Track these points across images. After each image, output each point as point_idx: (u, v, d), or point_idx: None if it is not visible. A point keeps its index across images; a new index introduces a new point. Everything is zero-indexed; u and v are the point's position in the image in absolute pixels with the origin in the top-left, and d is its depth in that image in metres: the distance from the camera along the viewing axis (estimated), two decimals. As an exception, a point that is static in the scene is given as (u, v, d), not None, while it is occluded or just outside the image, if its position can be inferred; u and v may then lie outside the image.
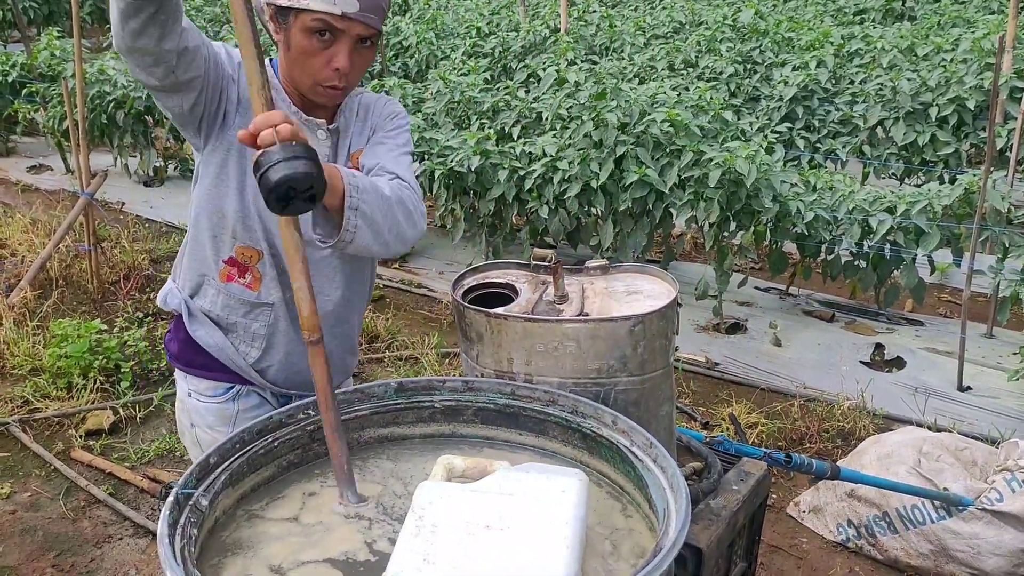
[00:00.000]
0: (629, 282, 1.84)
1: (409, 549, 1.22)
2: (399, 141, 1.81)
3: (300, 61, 1.64)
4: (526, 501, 1.31)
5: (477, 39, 8.50)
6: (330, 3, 1.55)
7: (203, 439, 1.91)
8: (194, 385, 1.89)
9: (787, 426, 3.66)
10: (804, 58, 6.58)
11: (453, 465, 1.44)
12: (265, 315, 1.82)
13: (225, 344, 1.83)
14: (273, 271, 1.79)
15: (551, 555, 1.22)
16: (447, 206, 5.21)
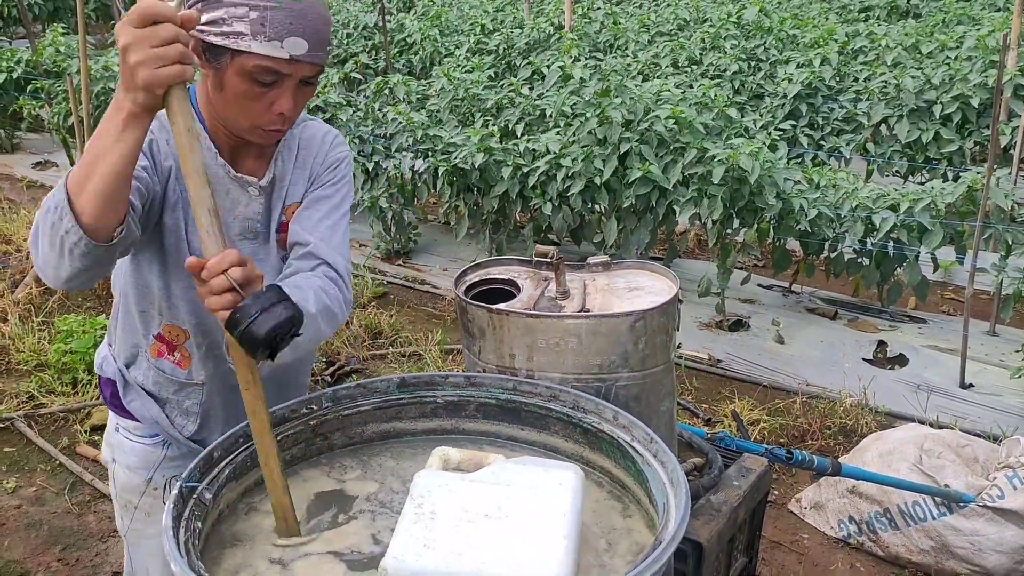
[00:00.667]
0: (630, 278, 1.85)
1: (408, 535, 1.24)
2: (335, 200, 1.66)
3: (237, 104, 1.47)
4: (524, 492, 1.33)
5: (481, 36, 8.50)
6: (275, 47, 1.39)
7: (119, 479, 1.79)
8: (124, 423, 1.76)
9: (789, 423, 3.67)
10: (808, 55, 6.57)
11: (448, 456, 1.45)
12: (197, 393, 1.70)
13: (160, 417, 1.71)
14: (201, 351, 1.66)
15: (549, 545, 1.23)
16: (451, 203, 5.22)
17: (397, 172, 5.31)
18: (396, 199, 5.48)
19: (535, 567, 1.20)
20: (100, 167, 1.23)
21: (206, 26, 1.39)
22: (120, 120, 1.22)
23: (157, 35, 1.17)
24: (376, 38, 9.08)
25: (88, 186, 1.23)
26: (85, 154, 1.25)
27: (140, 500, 1.75)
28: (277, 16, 1.38)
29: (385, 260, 5.68)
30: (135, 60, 1.17)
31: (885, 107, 5.81)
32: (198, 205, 1.27)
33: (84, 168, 1.24)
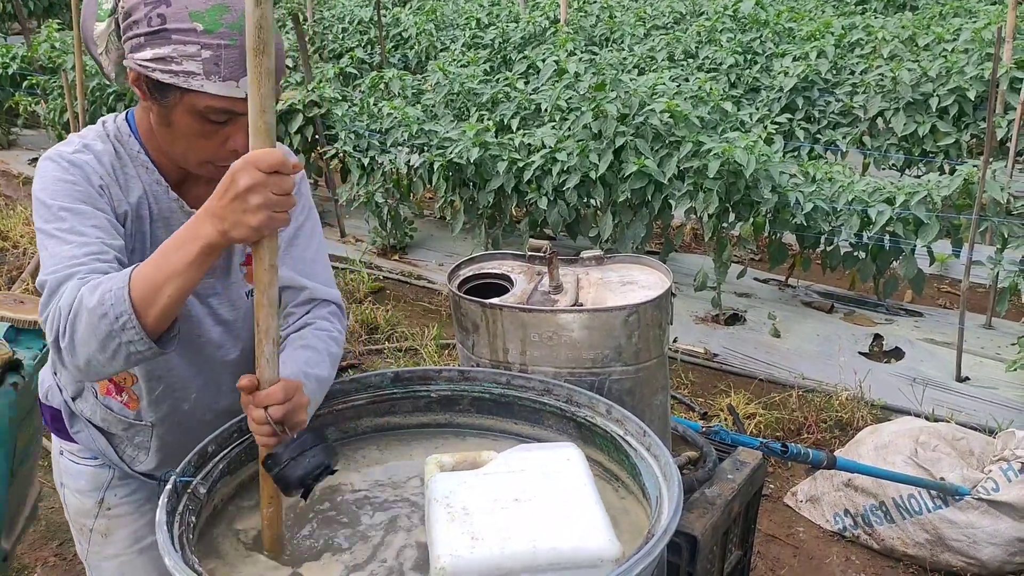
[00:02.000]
0: (624, 272, 1.85)
1: (452, 533, 1.25)
2: (308, 227, 1.62)
3: (186, 141, 1.39)
4: (538, 474, 1.37)
5: (477, 30, 8.49)
6: (230, 87, 1.30)
7: (70, 503, 1.71)
8: (68, 446, 1.68)
9: (785, 416, 3.67)
10: (805, 48, 6.56)
11: (443, 462, 1.46)
12: (145, 433, 1.62)
13: (108, 449, 1.63)
14: (152, 395, 1.58)
15: (586, 512, 1.28)
16: (446, 198, 5.22)
17: (393, 167, 5.31)
18: (392, 194, 5.48)
19: (586, 533, 1.24)
20: (170, 288, 1.22)
21: (152, 62, 1.31)
22: (201, 248, 1.21)
23: (281, 185, 1.18)
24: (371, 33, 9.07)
25: (158, 302, 1.22)
26: (152, 270, 1.23)
27: (95, 523, 1.69)
28: (232, 55, 1.29)
29: (381, 255, 5.68)
30: (257, 202, 1.16)
31: (881, 100, 5.81)
32: (265, 334, 1.28)
33: (152, 285, 1.22)
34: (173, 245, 1.23)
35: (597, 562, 1.21)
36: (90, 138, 1.47)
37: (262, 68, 1.17)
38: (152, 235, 1.49)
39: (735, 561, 2.19)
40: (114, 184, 1.44)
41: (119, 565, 1.71)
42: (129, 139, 1.48)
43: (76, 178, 1.39)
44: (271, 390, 1.28)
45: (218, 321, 1.58)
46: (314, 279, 1.60)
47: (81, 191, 1.39)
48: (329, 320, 1.59)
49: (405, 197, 5.54)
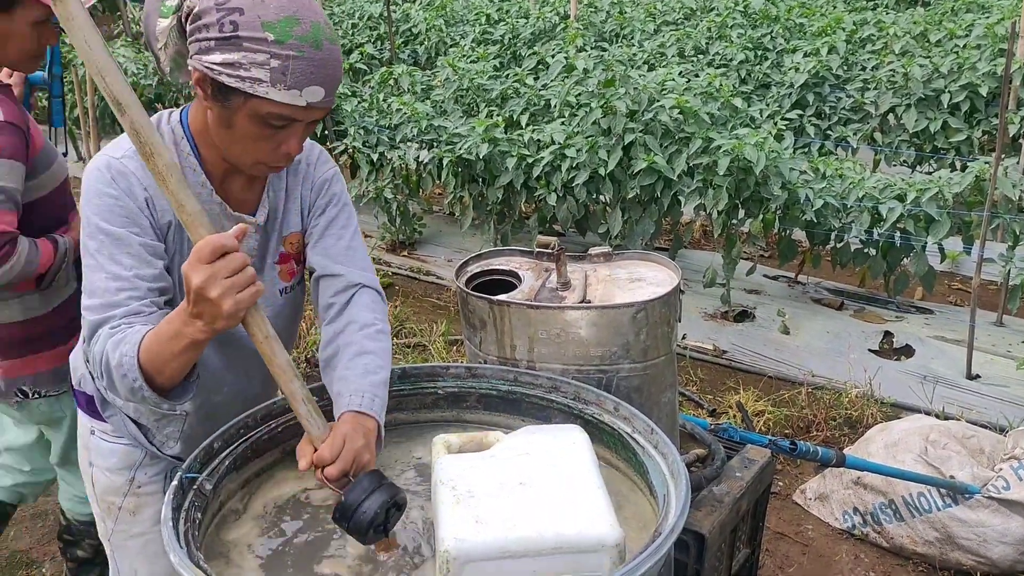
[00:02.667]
0: (632, 269, 1.84)
1: (457, 516, 1.26)
2: (343, 219, 1.67)
3: (243, 143, 1.44)
4: (544, 457, 1.39)
5: (487, 26, 8.46)
6: (294, 95, 1.35)
7: (99, 482, 1.75)
8: (100, 425, 1.72)
9: (794, 414, 3.66)
10: (815, 44, 6.52)
11: (450, 442, 1.48)
12: (177, 422, 1.66)
13: (139, 435, 1.67)
14: None
15: (589, 497, 1.29)
16: (455, 193, 5.21)
17: (402, 163, 5.31)
18: (401, 190, 5.48)
19: (590, 518, 1.25)
20: (172, 366, 1.31)
21: (220, 66, 1.35)
22: (186, 345, 1.28)
23: (229, 266, 1.22)
24: (381, 28, 9.06)
25: (165, 373, 1.32)
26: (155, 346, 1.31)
27: (123, 500, 1.72)
28: (299, 66, 1.34)
29: (390, 251, 5.68)
30: (216, 294, 1.21)
31: (893, 96, 5.77)
32: (292, 399, 1.34)
33: (157, 360, 1.31)
34: (172, 329, 1.29)
35: (599, 547, 1.23)
36: None
37: (159, 168, 1.24)
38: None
39: (743, 559, 2.18)
40: (159, 196, 1.47)
41: (144, 543, 1.74)
42: (182, 141, 1.51)
43: (118, 192, 1.43)
44: (320, 454, 1.33)
45: None
46: (350, 265, 1.62)
47: (122, 208, 1.43)
48: (370, 309, 1.60)
49: (414, 193, 5.53)
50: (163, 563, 1.74)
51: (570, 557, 1.22)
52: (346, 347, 1.54)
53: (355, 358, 1.51)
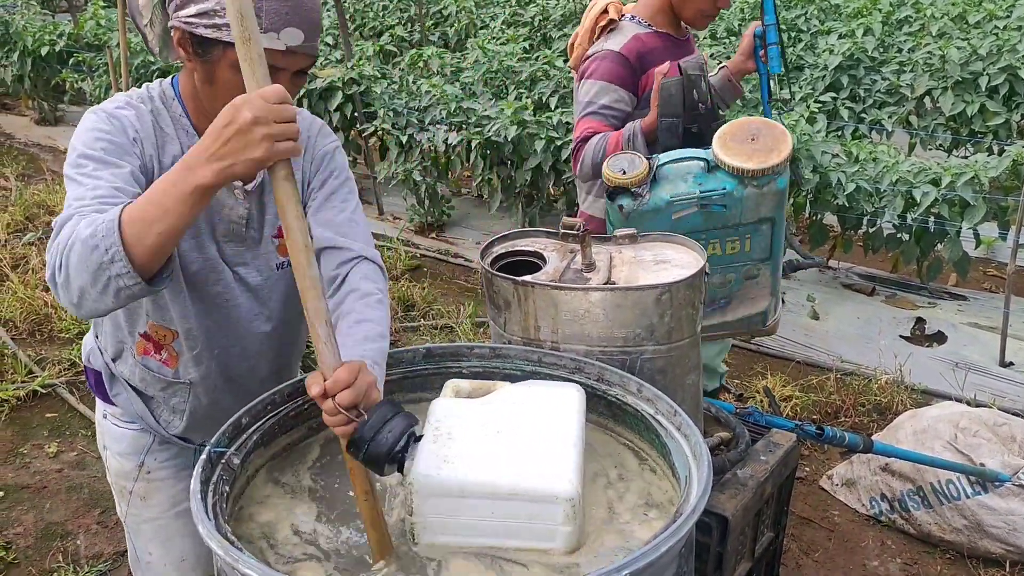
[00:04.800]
0: (657, 251, 1.83)
1: (429, 453, 1.33)
2: (343, 192, 1.64)
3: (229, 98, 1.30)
4: (530, 409, 1.44)
5: (517, 7, 8.43)
6: (271, 39, 1.33)
7: (112, 466, 1.78)
8: (111, 409, 1.74)
9: (822, 400, 3.63)
10: (851, 26, 6.42)
11: (460, 387, 1.54)
12: (183, 392, 1.67)
13: (145, 413, 1.69)
14: (190, 352, 1.62)
15: (557, 450, 1.34)
16: (484, 176, 5.21)
17: (431, 145, 5.31)
18: (429, 172, 5.49)
19: (548, 470, 1.30)
20: (161, 225, 1.20)
21: (195, 17, 1.34)
22: (194, 190, 1.19)
23: (284, 112, 1.16)
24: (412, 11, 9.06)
25: (147, 240, 1.21)
26: (144, 206, 1.21)
27: (134, 486, 1.74)
28: (272, 6, 1.32)
29: (418, 233, 5.71)
30: (263, 133, 1.14)
31: (929, 79, 5.66)
32: (315, 316, 1.24)
33: (143, 221, 1.21)
34: (167, 184, 1.21)
35: (551, 499, 1.27)
36: (135, 97, 1.51)
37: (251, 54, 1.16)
38: None
39: (767, 543, 2.17)
40: (149, 141, 1.47)
41: (157, 528, 1.77)
42: (173, 102, 1.51)
43: (111, 128, 1.42)
44: (336, 376, 1.24)
45: (246, 288, 1.62)
46: (351, 237, 1.59)
47: (111, 141, 1.41)
48: (371, 280, 1.56)
49: (443, 175, 5.54)
50: (176, 547, 1.78)
51: (524, 505, 1.28)
52: (346, 315, 1.50)
53: (354, 325, 1.47)
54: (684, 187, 2.08)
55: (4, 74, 8.09)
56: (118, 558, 2.85)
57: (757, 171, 2.04)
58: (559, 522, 1.29)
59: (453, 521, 1.32)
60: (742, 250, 2.17)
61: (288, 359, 1.80)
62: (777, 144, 2.04)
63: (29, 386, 3.77)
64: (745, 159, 2.04)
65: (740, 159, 2.04)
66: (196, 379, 1.65)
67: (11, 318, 4.33)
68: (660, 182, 2.10)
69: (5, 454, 3.39)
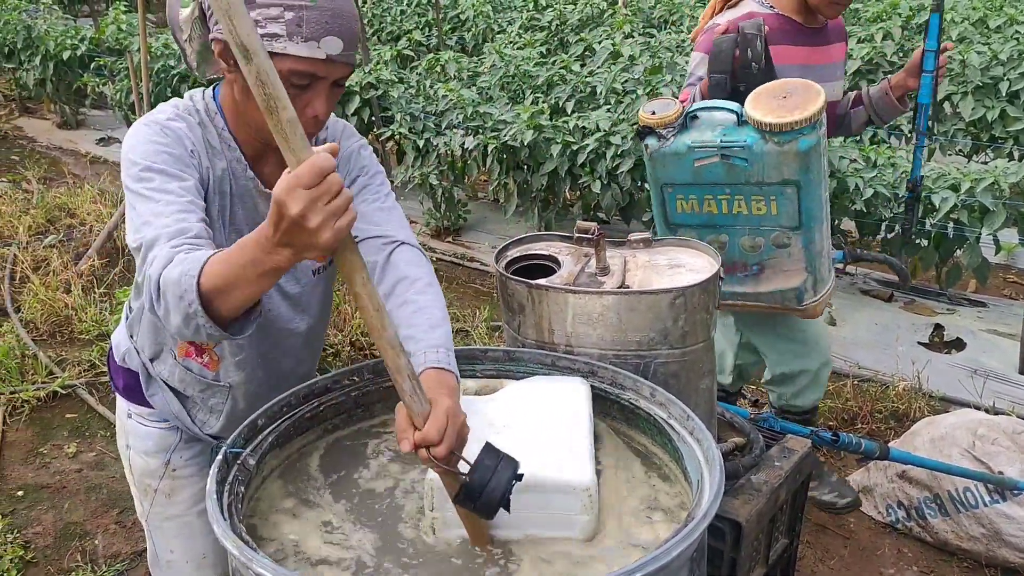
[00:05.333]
0: (671, 255, 1.83)
1: None
2: (375, 185, 1.64)
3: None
4: (538, 403, 1.48)
5: (534, 12, 8.45)
6: (312, 47, 1.33)
7: (136, 465, 1.79)
8: (136, 409, 1.76)
9: (839, 406, 3.61)
10: (870, 30, 6.39)
11: (466, 386, 1.57)
12: (222, 394, 1.69)
13: (182, 413, 1.71)
14: (233, 357, 1.64)
15: (568, 442, 1.37)
16: (500, 180, 5.22)
17: (447, 149, 5.34)
18: (446, 176, 5.51)
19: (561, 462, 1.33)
20: (239, 293, 1.21)
21: None
22: (273, 268, 1.17)
23: (330, 189, 1.08)
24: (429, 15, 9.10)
25: (227, 301, 1.22)
26: (224, 268, 1.20)
27: (160, 483, 1.76)
28: (313, 15, 1.33)
29: (434, 237, 5.72)
30: (316, 223, 1.08)
31: (949, 84, 5.63)
32: (397, 373, 1.23)
33: (222, 284, 1.21)
34: (247, 255, 1.18)
35: (568, 489, 1.31)
36: (182, 108, 1.51)
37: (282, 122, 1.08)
38: (231, 211, 1.54)
39: (781, 549, 2.16)
40: (204, 153, 1.49)
41: (180, 525, 1.79)
42: (216, 117, 1.52)
43: (168, 140, 1.43)
44: (426, 433, 1.23)
45: (284, 296, 1.65)
46: (385, 224, 1.58)
47: (172, 153, 1.42)
48: (415, 264, 1.55)
49: (459, 179, 5.56)
50: (198, 544, 1.80)
51: (541, 496, 1.31)
52: (401, 306, 1.49)
53: (415, 314, 1.47)
54: (708, 136, 2.08)
55: (26, 78, 8.19)
56: (136, 558, 2.88)
57: (775, 125, 2.00)
58: (576, 511, 1.31)
59: None
60: (768, 212, 2.13)
61: (317, 355, 1.85)
62: (806, 104, 1.99)
63: (50, 387, 3.81)
64: (766, 112, 2.02)
65: (761, 112, 2.02)
66: (236, 382, 1.67)
67: (32, 319, 4.38)
68: (688, 128, 2.11)
69: (25, 454, 3.43)
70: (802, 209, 2.10)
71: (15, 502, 3.15)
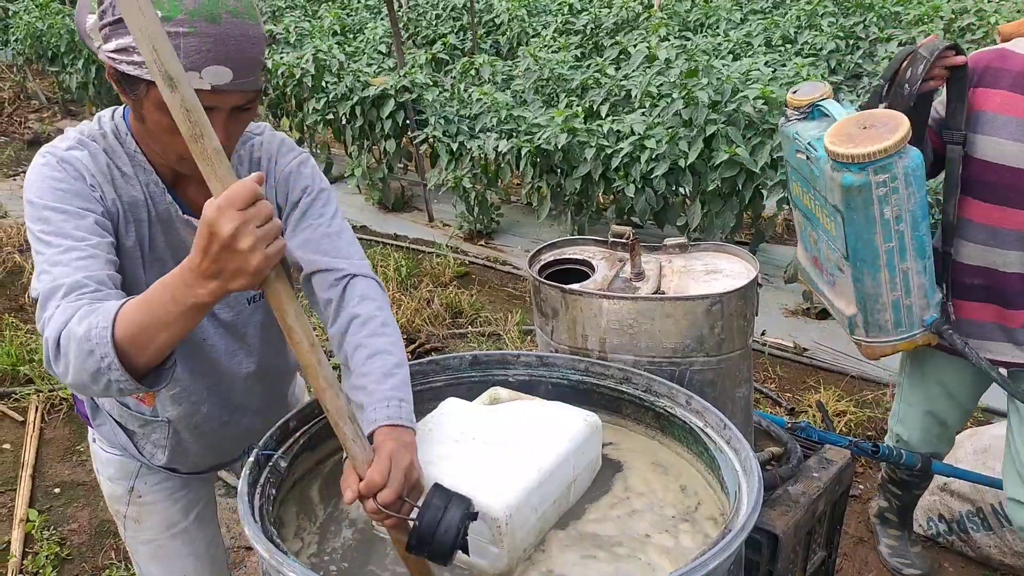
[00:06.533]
0: (708, 261, 1.80)
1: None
2: (319, 205, 1.50)
3: (160, 138, 1.30)
4: (529, 427, 1.44)
5: (569, 16, 8.43)
6: (193, 77, 1.18)
7: (105, 489, 1.74)
8: (97, 433, 1.69)
9: (878, 416, 3.54)
10: (911, 33, 6.29)
11: (499, 395, 1.56)
12: (162, 429, 1.60)
13: (129, 445, 1.64)
14: (168, 392, 1.55)
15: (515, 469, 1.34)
16: (533, 184, 5.21)
17: (481, 152, 5.33)
18: (479, 180, 5.51)
19: (489, 486, 1.29)
20: (162, 338, 1.13)
21: (116, 53, 1.23)
22: (193, 305, 1.10)
23: (260, 213, 1.05)
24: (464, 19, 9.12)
25: (146, 349, 1.14)
26: (140, 316, 1.13)
27: (127, 509, 1.72)
28: (191, 43, 1.18)
29: (467, 240, 5.72)
30: (248, 244, 1.04)
31: None
32: (337, 415, 1.18)
33: (139, 332, 1.13)
34: (164, 298, 1.12)
35: (483, 514, 1.26)
36: (87, 134, 1.39)
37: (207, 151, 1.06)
38: (151, 237, 1.43)
39: (819, 562, 2.12)
40: (107, 183, 1.37)
41: (154, 549, 1.75)
42: (127, 137, 1.40)
43: (64, 175, 1.32)
44: (369, 479, 1.18)
45: (219, 324, 1.54)
46: (335, 255, 1.46)
47: (67, 188, 1.31)
48: (369, 299, 1.44)
49: (492, 183, 5.56)
50: (176, 566, 1.76)
51: None
52: (355, 351, 1.38)
53: (367, 361, 1.36)
54: (810, 132, 2.01)
55: (69, 81, 8.35)
56: (168, 556, 2.90)
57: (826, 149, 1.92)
58: (487, 539, 1.28)
59: None
60: (830, 229, 2.07)
61: (282, 389, 1.76)
62: (868, 142, 1.88)
63: (87, 385, 3.86)
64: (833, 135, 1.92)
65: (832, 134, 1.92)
66: (175, 417, 1.58)
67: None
68: (810, 119, 2.05)
69: (63, 452, 3.48)
70: (848, 243, 2.02)
71: (52, 499, 3.20)
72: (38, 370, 3.91)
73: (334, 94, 6.08)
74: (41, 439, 3.53)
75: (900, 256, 1.94)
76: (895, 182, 1.84)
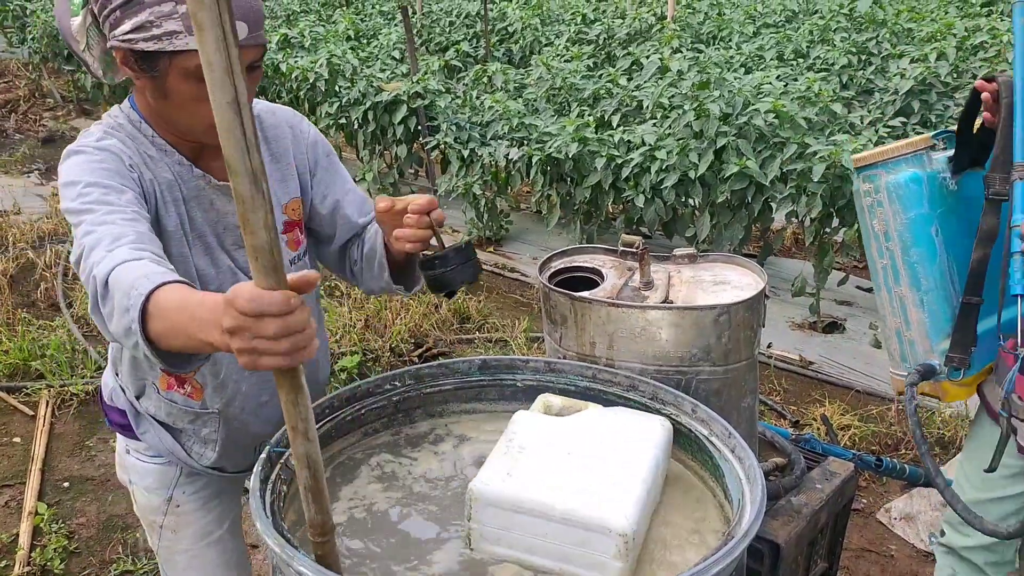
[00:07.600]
0: (716, 272, 1.82)
1: (496, 464, 1.37)
2: (342, 168, 1.69)
3: (186, 109, 1.35)
4: (611, 436, 1.44)
5: (582, 25, 8.46)
6: None
7: (139, 501, 1.74)
8: (135, 444, 1.69)
9: (882, 430, 3.55)
10: (924, 50, 6.28)
11: (551, 403, 1.56)
12: (213, 422, 1.63)
13: (176, 447, 1.65)
14: (214, 381, 1.58)
15: (620, 482, 1.33)
16: (543, 192, 5.24)
17: (492, 160, 5.36)
18: (489, 186, 5.54)
19: (604, 501, 1.29)
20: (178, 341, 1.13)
21: (132, 33, 1.28)
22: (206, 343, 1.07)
23: (262, 329, 0.97)
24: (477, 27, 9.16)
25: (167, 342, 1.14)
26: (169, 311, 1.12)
27: (164, 519, 1.72)
28: None
29: (476, 246, 5.75)
30: (238, 346, 1.00)
31: (1004, 106, 5.51)
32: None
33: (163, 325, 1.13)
34: (191, 314, 1.09)
35: (603, 530, 1.26)
36: (109, 127, 1.45)
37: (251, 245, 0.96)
38: (190, 216, 1.48)
39: (820, 573, 2.13)
40: (144, 166, 1.43)
41: (190, 558, 1.76)
42: (141, 124, 1.45)
43: (103, 157, 1.37)
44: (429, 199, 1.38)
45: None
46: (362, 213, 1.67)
47: (108, 168, 1.36)
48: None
49: (502, 190, 5.59)
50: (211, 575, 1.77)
51: (577, 531, 1.28)
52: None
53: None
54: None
55: (84, 80, 8.42)
56: (174, 553, 2.92)
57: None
58: (610, 555, 1.26)
59: (507, 534, 1.33)
60: None
61: (315, 369, 1.76)
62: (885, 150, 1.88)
63: (98, 381, 3.89)
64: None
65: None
66: (223, 407, 1.62)
67: (84, 315, 4.48)
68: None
69: (72, 446, 3.51)
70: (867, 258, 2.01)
71: (61, 493, 3.23)
72: (49, 365, 3.95)
73: (347, 99, 6.13)
74: (51, 434, 3.57)
75: (894, 278, 1.90)
76: (879, 194, 1.87)
